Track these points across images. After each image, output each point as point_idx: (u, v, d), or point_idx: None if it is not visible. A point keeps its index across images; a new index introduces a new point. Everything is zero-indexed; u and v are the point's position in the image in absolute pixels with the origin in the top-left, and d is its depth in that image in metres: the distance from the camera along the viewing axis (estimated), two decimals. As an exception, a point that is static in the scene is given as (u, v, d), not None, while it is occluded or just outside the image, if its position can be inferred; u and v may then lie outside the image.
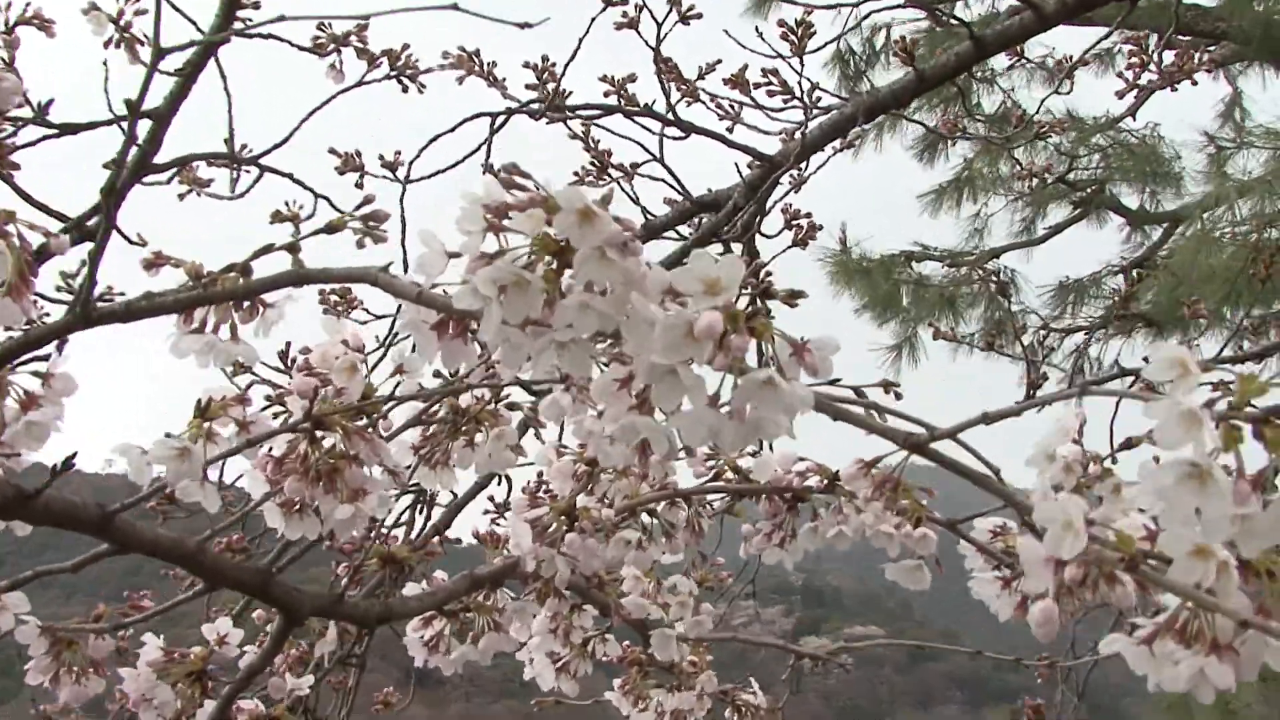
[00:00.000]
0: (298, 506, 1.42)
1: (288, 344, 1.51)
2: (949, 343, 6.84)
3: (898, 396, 1.34)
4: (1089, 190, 7.49)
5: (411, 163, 3.55)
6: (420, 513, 2.05)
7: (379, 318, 3.55)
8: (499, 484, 1.78)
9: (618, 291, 0.78)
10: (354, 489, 1.38)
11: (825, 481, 1.45)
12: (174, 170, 3.13)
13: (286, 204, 1.25)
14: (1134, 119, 5.77)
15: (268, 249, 1.18)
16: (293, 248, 1.19)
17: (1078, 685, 4.40)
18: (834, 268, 7.76)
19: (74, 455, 1.23)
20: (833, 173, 3.88)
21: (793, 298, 0.85)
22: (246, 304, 1.22)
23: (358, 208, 1.24)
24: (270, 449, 1.39)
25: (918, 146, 7.93)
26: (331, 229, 1.23)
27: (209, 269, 1.21)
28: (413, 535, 2.10)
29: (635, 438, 0.84)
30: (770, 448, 1.50)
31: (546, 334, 0.80)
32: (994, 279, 7.41)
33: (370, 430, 1.37)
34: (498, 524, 2.10)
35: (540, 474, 1.54)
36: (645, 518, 1.56)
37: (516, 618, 1.52)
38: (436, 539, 1.87)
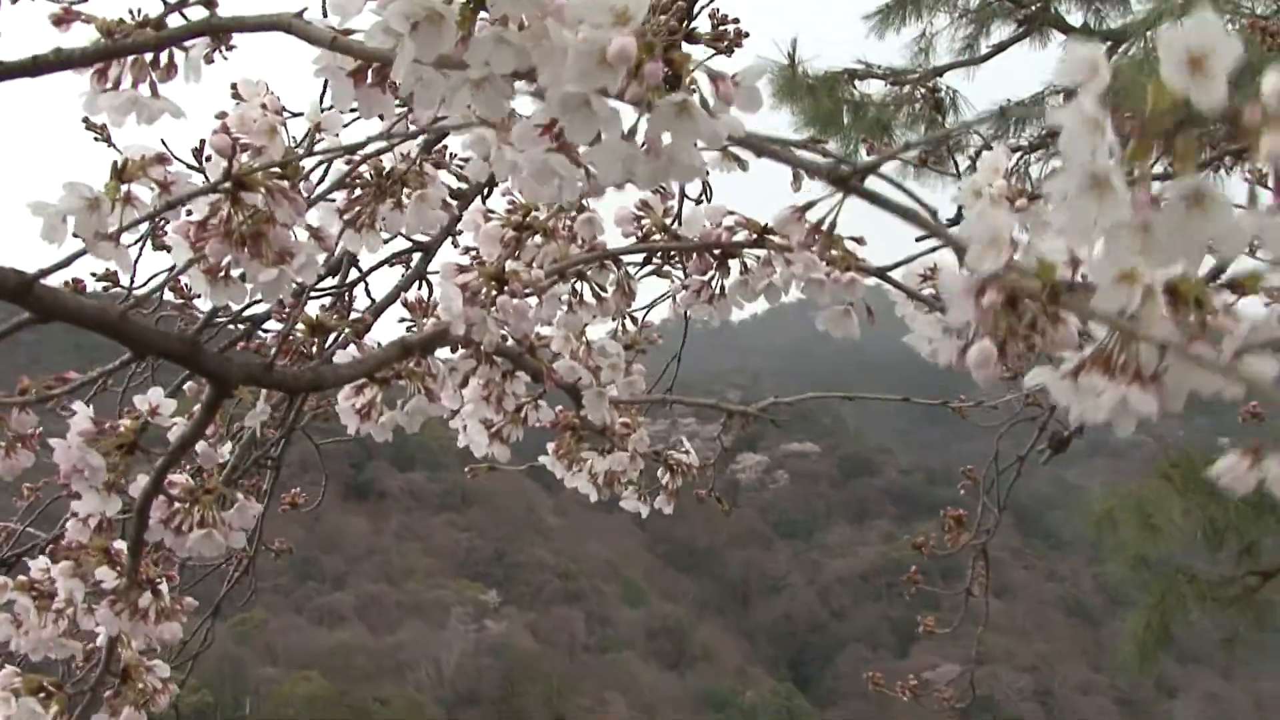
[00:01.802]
0: (222, 272, 1.40)
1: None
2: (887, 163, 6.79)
3: (824, 153, 1.32)
4: (1033, 7, 7.40)
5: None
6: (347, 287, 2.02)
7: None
8: (420, 287, 1.76)
9: (533, 25, 0.75)
10: (279, 251, 1.35)
11: (755, 235, 1.44)
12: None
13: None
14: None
15: (183, 2, 1.13)
16: (209, 2, 1.15)
17: (999, 497, 4.50)
18: (780, 83, 7.66)
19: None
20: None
21: (719, 40, 0.82)
22: (163, 61, 1.18)
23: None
24: (191, 213, 1.37)
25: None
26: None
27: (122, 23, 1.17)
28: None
29: (550, 177, 0.83)
30: (702, 199, 1.49)
31: (461, 73, 0.77)
32: (933, 95, 7.36)
33: (293, 190, 1.34)
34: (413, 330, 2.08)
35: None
36: (575, 281, 1.55)
37: (449, 380, 1.51)
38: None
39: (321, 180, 1.45)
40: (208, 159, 1.35)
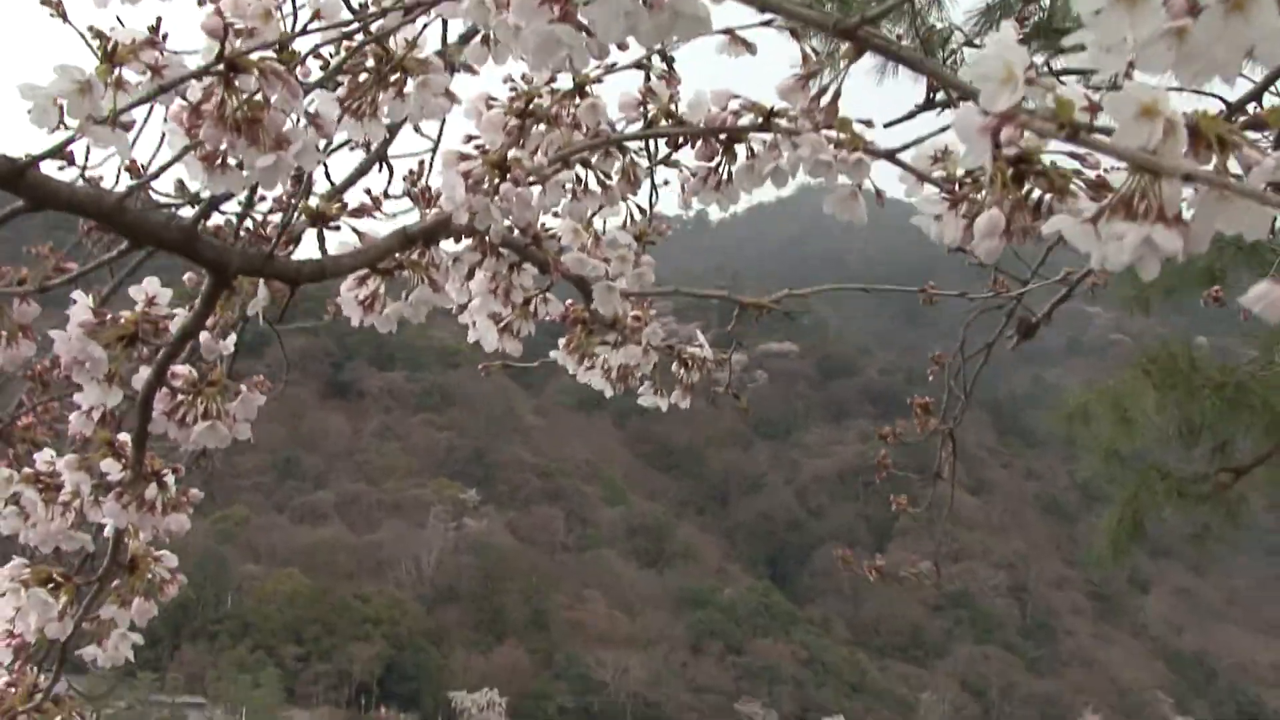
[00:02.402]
0: (219, 159, 1.37)
1: None
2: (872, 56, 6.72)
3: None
4: None
5: None
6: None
7: None
8: (380, 169, 1.73)
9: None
10: (276, 137, 1.33)
11: (761, 118, 1.42)
12: None
13: None
14: None
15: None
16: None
17: (965, 384, 4.51)
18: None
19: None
20: None
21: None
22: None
23: None
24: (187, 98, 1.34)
25: None
26: None
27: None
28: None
29: (556, 49, 0.80)
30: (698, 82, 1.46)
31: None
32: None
33: (289, 73, 1.31)
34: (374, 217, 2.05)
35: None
36: (579, 169, 1.53)
37: (453, 271, 1.49)
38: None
39: (325, 66, 1.42)
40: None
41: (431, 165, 1.79)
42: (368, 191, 2.06)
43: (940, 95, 2.84)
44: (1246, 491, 6.70)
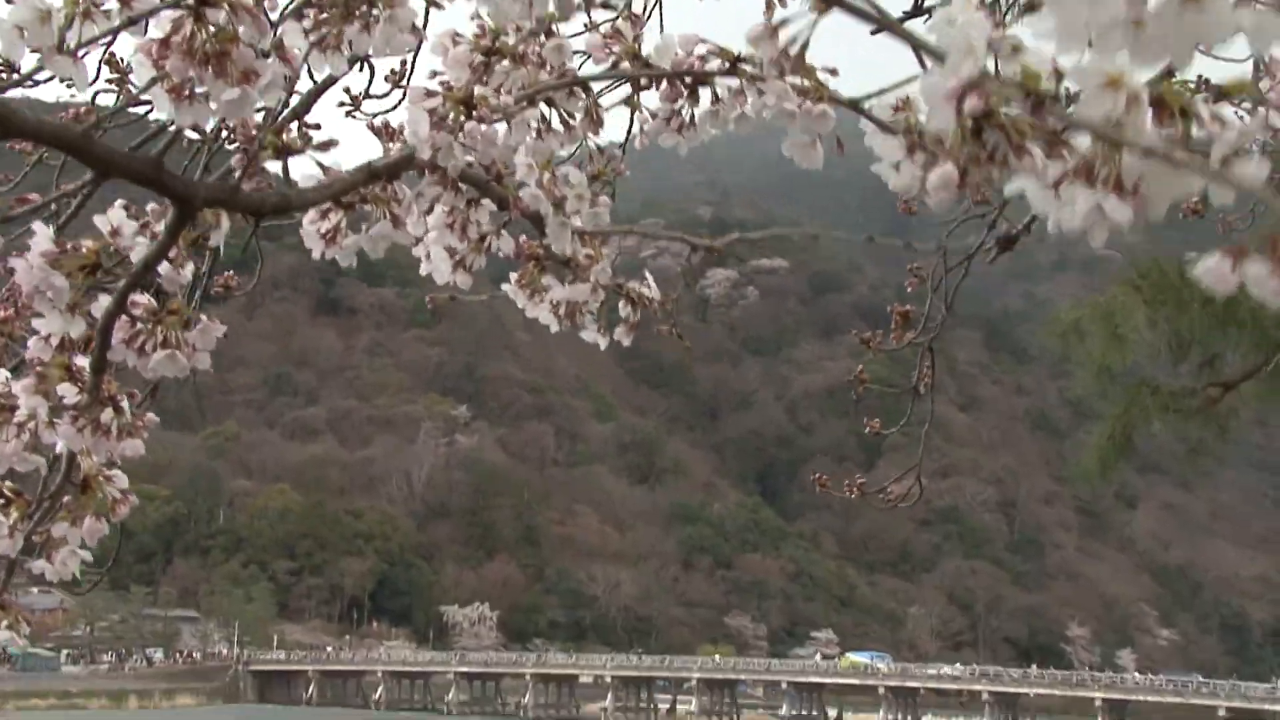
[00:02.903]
0: (186, 91, 1.38)
1: None
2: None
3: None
4: None
5: None
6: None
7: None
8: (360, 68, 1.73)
9: None
10: (244, 70, 1.34)
11: (728, 64, 1.43)
12: None
13: None
14: None
15: None
16: None
17: (947, 296, 4.51)
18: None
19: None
20: None
21: None
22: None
23: None
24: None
25: None
26: None
27: None
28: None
29: None
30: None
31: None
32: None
33: (257, 8, 1.32)
34: (354, 116, 2.05)
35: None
36: (543, 107, 1.54)
37: (414, 205, 1.50)
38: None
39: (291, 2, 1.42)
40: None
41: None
42: (346, 90, 2.07)
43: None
44: (1235, 406, 6.72)
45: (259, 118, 1.50)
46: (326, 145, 1.53)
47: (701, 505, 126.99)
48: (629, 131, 1.56)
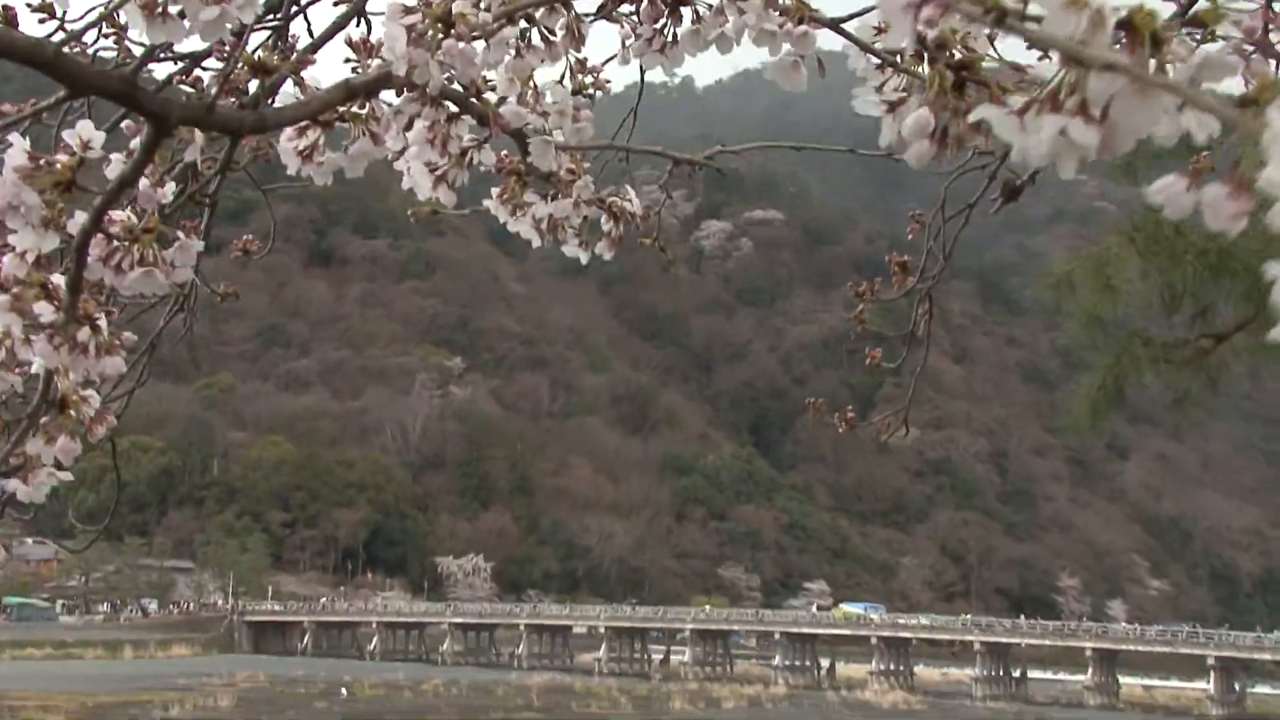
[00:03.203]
0: (160, 7, 1.36)
1: None
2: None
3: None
4: None
5: None
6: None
7: None
8: (358, 24, 1.71)
9: None
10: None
11: (708, -19, 1.41)
12: None
13: None
14: None
15: None
16: None
17: (945, 245, 4.49)
18: None
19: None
20: None
21: None
22: None
23: None
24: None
25: None
26: None
27: None
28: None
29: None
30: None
31: None
32: None
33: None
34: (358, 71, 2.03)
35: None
36: (523, 24, 1.52)
37: (393, 122, 1.49)
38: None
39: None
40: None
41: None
42: (350, 44, 2.05)
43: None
44: (1227, 357, 6.72)
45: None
46: (303, 63, 1.51)
47: (695, 456, 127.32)
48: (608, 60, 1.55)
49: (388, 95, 1.52)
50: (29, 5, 1.56)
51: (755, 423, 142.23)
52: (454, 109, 1.50)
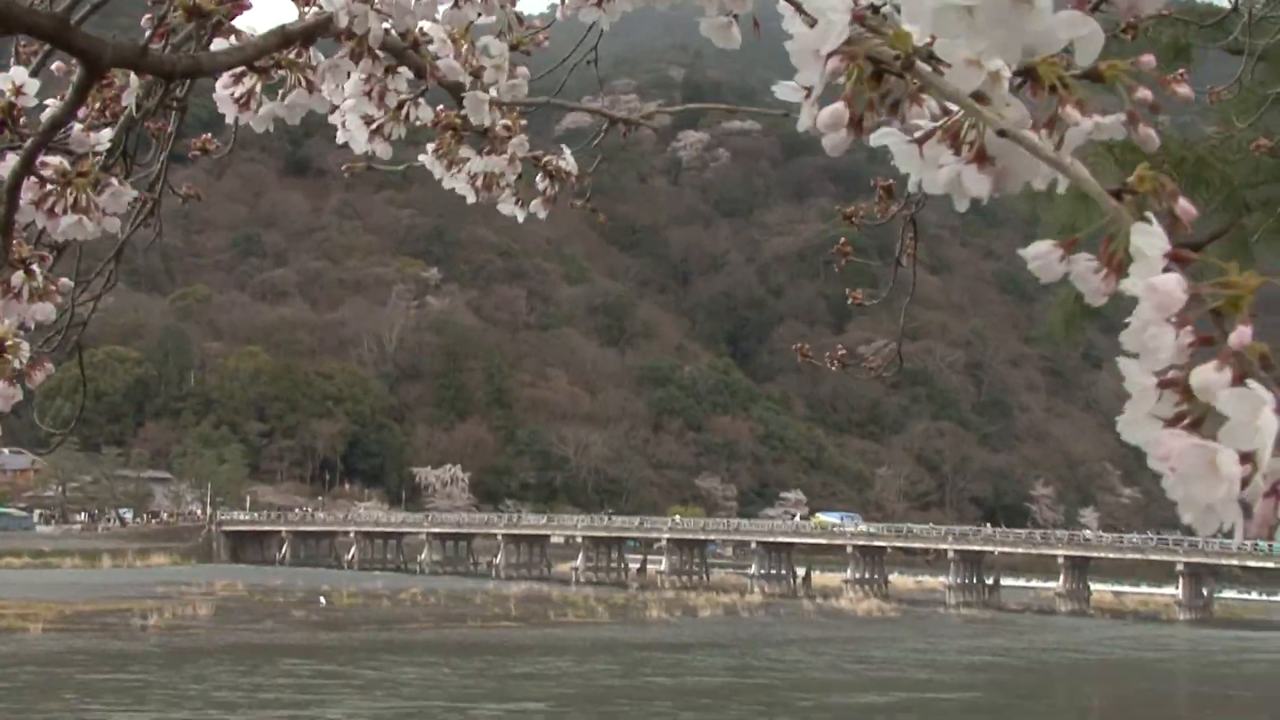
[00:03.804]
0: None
1: None
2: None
3: None
4: None
5: None
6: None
7: None
8: None
9: None
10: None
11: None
12: None
13: None
14: None
15: None
16: None
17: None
18: None
19: None
20: None
21: None
22: None
23: None
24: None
25: None
26: None
27: None
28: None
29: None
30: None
31: None
32: None
33: None
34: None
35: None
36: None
37: (330, 76, 1.47)
38: None
39: None
40: None
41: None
42: None
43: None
44: (1200, 267, 6.76)
45: None
46: (239, 7, 1.49)
47: (672, 368, 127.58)
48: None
49: (325, 47, 1.50)
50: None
51: (732, 334, 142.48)
52: (392, 61, 1.49)
